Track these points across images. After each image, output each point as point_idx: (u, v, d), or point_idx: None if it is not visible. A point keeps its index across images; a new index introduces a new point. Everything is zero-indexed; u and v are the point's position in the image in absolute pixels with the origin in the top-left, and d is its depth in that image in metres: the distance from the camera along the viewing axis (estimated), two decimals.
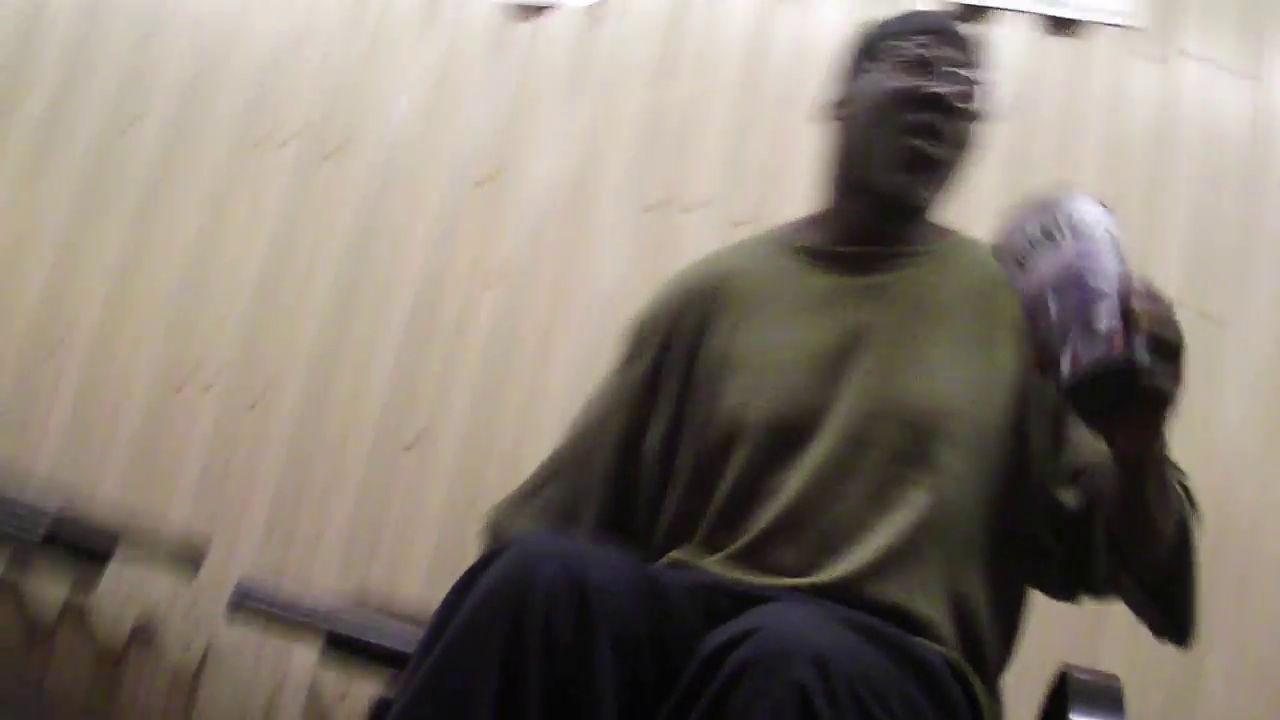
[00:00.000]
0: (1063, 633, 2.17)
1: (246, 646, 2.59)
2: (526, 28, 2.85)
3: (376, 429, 2.66)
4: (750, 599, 1.18)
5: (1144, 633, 2.17)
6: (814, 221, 1.45)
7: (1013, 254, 1.08)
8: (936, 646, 1.19)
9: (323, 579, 2.58)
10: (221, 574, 2.58)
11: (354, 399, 2.70)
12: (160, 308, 2.88)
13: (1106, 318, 0.99)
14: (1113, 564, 1.25)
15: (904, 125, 1.33)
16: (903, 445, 1.26)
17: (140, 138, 3.00)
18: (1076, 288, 1.01)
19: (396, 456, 2.64)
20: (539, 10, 2.85)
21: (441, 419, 2.64)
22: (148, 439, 2.79)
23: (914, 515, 1.24)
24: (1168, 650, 2.15)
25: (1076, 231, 1.04)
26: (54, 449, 2.84)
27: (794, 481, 1.27)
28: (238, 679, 2.59)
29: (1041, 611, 1.46)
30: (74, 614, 2.70)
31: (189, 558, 2.49)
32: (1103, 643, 2.23)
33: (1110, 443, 1.11)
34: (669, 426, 1.40)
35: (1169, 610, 1.25)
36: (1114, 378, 1.00)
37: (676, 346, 1.42)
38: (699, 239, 2.51)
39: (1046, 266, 1.04)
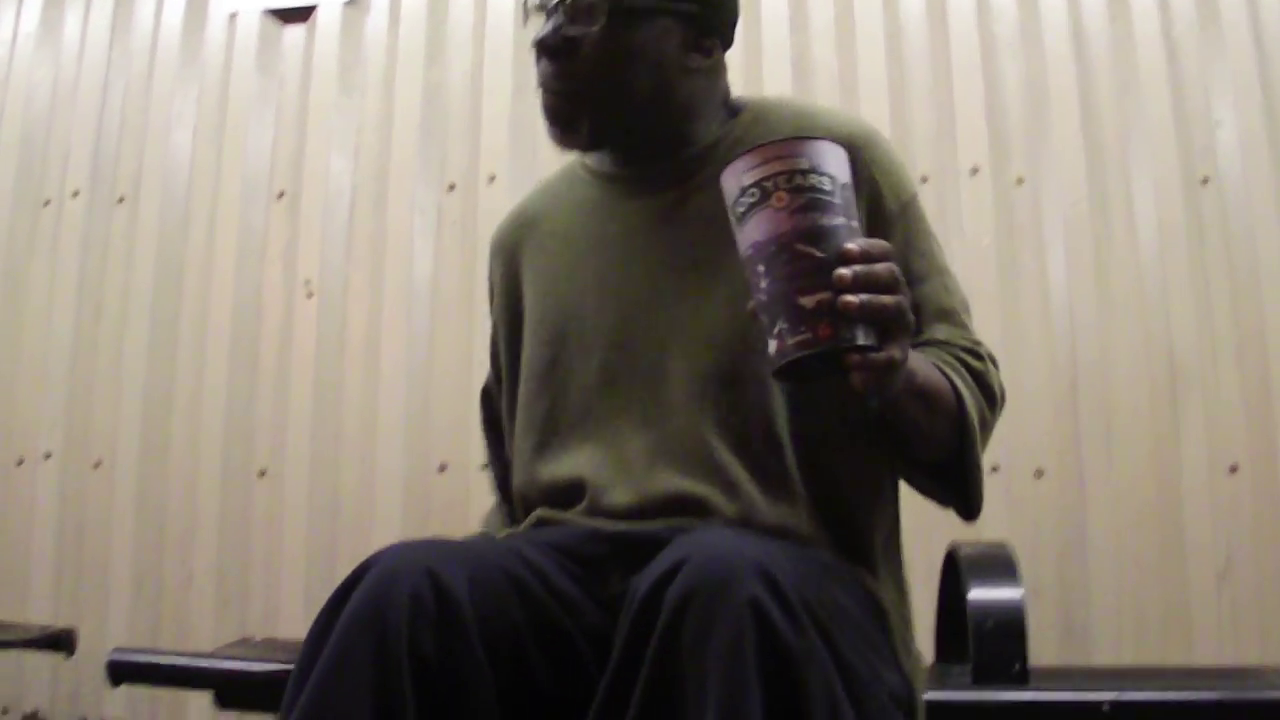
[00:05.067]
0: (942, 514, 2.23)
1: (140, 713, 2.54)
2: (292, 33, 2.79)
3: (224, 461, 2.61)
4: (628, 540, 1.17)
5: (1026, 501, 2.26)
6: None
7: (731, 207, 0.99)
8: (829, 554, 1.20)
9: (200, 626, 2.53)
10: (99, 644, 2.51)
11: (195, 435, 2.63)
12: None
13: (814, 294, 0.93)
14: (888, 448, 1.27)
15: (537, 79, 1.32)
16: (710, 382, 1.23)
17: None
18: (788, 257, 0.94)
19: (250, 486, 2.60)
20: (301, 13, 2.78)
21: (286, 443, 2.60)
22: None
23: (741, 443, 1.22)
24: (1048, 512, 2.27)
25: (797, 189, 0.95)
26: None
27: (614, 434, 1.26)
28: None
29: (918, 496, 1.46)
30: None
31: (58, 643, 2.41)
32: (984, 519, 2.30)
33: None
34: (507, 384, 1.40)
35: (953, 490, 1.26)
36: (821, 361, 0.95)
37: (498, 306, 1.43)
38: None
39: (762, 228, 0.95)
